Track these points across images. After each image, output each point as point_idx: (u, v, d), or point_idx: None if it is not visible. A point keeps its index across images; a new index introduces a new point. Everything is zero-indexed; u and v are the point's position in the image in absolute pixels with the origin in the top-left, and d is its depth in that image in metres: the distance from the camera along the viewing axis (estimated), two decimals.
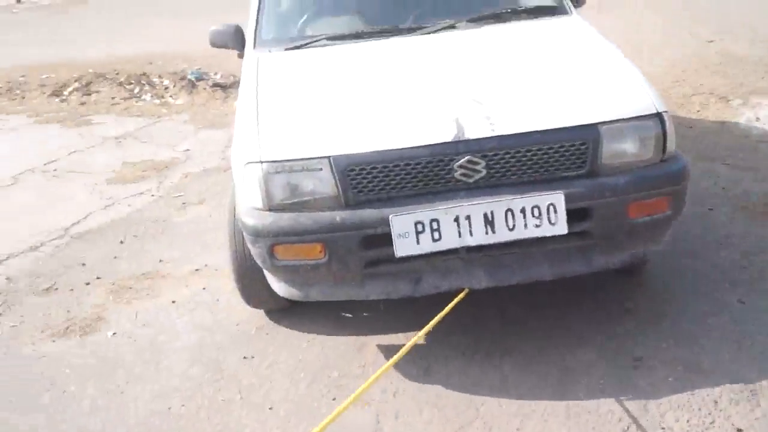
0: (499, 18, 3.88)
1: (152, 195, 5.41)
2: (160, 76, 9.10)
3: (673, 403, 2.75)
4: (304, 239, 2.77)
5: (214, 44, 4.33)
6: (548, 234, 2.71)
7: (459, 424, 2.78)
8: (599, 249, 2.88)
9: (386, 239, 2.73)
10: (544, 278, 2.89)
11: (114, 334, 3.61)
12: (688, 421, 2.65)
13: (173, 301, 3.85)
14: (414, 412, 2.85)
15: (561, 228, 2.69)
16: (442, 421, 2.80)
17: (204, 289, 3.95)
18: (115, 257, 4.40)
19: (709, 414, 2.72)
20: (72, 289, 4.05)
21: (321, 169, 2.74)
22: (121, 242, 4.60)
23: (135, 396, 3.12)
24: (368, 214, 2.74)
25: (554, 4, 4.06)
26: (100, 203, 5.30)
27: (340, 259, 2.79)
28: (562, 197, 2.68)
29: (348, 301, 3.11)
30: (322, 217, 2.76)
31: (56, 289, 4.07)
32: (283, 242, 2.81)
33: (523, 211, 2.67)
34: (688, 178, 2.95)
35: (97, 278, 4.14)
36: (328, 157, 2.74)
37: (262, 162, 2.79)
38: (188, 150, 6.60)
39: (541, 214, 2.68)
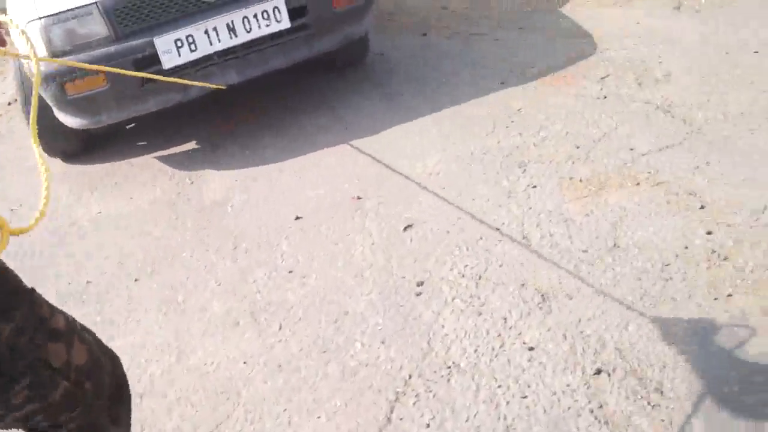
0: None
1: None
2: None
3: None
4: (88, 72, 3.31)
5: None
6: (276, 29, 3.49)
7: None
8: (317, 36, 3.67)
9: (154, 58, 3.37)
10: (281, 66, 3.66)
11: None
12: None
13: None
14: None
15: (285, 23, 3.49)
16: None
17: None
18: None
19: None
20: None
21: (91, 14, 3.30)
22: None
23: None
24: (136, 41, 3.36)
25: None
26: None
27: (120, 83, 3.38)
28: (283, 0, 3.47)
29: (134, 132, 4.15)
30: (99, 52, 3.33)
31: None
32: (70, 79, 3.36)
33: (255, 16, 3.42)
34: None
35: None
36: (96, 2, 3.30)
37: (40, 18, 3.29)
38: None
39: (269, 16, 3.44)
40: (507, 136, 3.32)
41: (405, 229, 2.84)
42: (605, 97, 3.47)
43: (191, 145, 3.93)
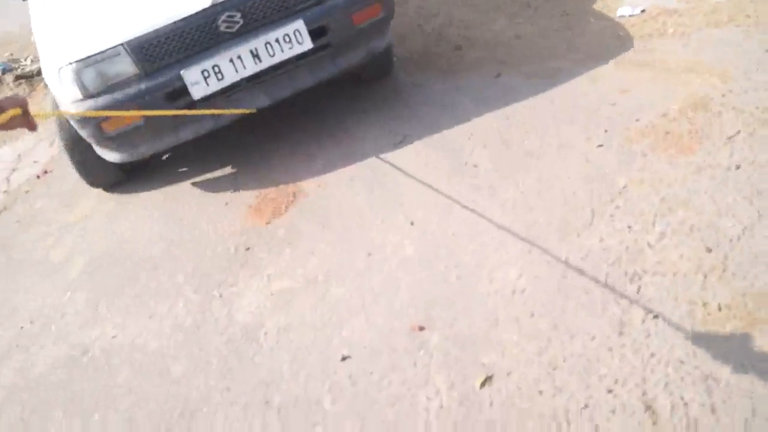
0: None
1: None
2: None
3: None
4: (123, 110, 3.36)
5: None
6: (299, 51, 3.47)
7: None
8: (340, 53, 3.67)
9: (184, 91, 3.40)
10: (309, 85, 3.66)
11: None
12: None
13: None
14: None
15: (307, 44, 3.47)
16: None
17: None
18: None
19: None
20: None
21: (119, 54, 3.32)
22: None
23: None
24: (165, 76, 3.37)
25: None
26: None
27: (154, 117, 3.42)
28: (303, 22, 3.44)
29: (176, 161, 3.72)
30: (131, 90, 3.36)
31: None
32: (106, 119, 3.41)
33: (277, 40, 3.42)
34: None
35: None
36: (123, 44, 3.32)
37: (71, 63, 3.32)
38: None
39: (291, 39, 3.44)
40: (612, 231, 2.56)
41: (482, 384, 2.15)
42: (738, 167, 2.65)
43: (221, 240, 3.33)
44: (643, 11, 4.13)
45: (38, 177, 4.51)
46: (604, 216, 2.64)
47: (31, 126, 2.09)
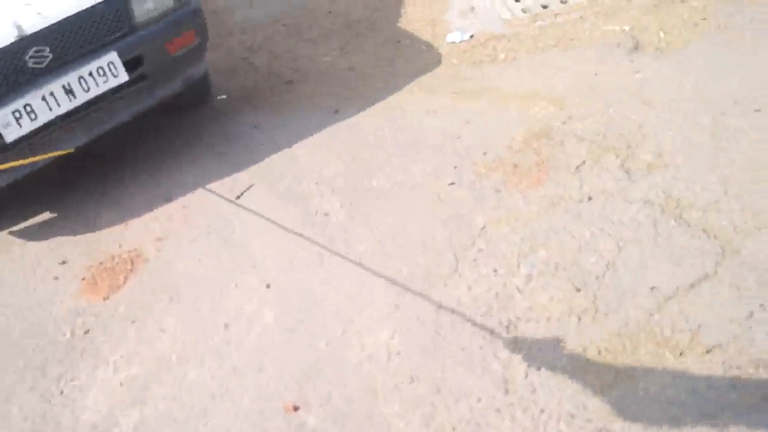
0: None
1: None
2: None
3: None
4: None
5: None
6: (115, 84, 3.30)
7: None
8: (157, 83, 3.54)
9: None
10: (127, 119, 3.50)
11: None
12: None
13: None
14: None
15: (123, 77, 3.31)
16: None
17: None
18: None
19: None
20: None
21: None
22: None
23: None
24: None
25: None
26: None
27: None
28: (116, 54, 3.27)
29: None
30: None
31: None
32: None
33: (91, 74, 3.23)
34: (202, 15, 3.66)
35: None
36: None
37: None
38: None
39: (105, 72, 3.26)
40: (478, 277, 2.48)
41: None
42: (590, 199, 2.66)
43: (54, 324, 2.90)
44: (472, 36, 4.16)
45: None
46: (467, 260, 2.56)
47: None
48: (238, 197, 3.29)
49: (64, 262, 3.16)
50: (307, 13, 5.04)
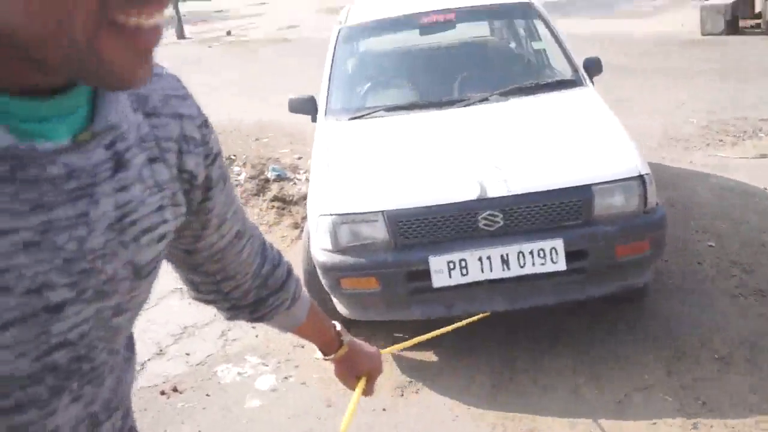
0: (524, 91, 4.67)
1: None
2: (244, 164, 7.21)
3: None
4: (363, 274, 3.54)
5: (292, 110, 5.29)
6: (551, 270, 3.43)
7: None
8: (592, 281, 3.54)
9: (426, 274, 3.47)
10: (548, 303, 3.58)
11: None
12: None
13: None
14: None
15: (561, 266, 3.41)
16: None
17: None
18: None
19: None
20: None
21: (377, 221, 3.51)
22: None
23: None
24: (412, 255, 3.51)
25: (572, 78, 4.85)
26: None
27: (390, 289, 3.55)
28: (562, 242, 3.40)
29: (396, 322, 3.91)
30: (377, 257, 3.53)
31: None
32: (347, 276, 3.58)
33: (531, 253, 3.40)
34: (666, 226, 3.65)
35: None
36: (382, 212, 3.51)
37: (332, 215, 3.60)
38: None
39: (545, 256, 3.40)
40: None
41: None
42: None
43: None
44: None
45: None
46: None
47: (368, 392, 1.56)
48: None
49: None
50: None
